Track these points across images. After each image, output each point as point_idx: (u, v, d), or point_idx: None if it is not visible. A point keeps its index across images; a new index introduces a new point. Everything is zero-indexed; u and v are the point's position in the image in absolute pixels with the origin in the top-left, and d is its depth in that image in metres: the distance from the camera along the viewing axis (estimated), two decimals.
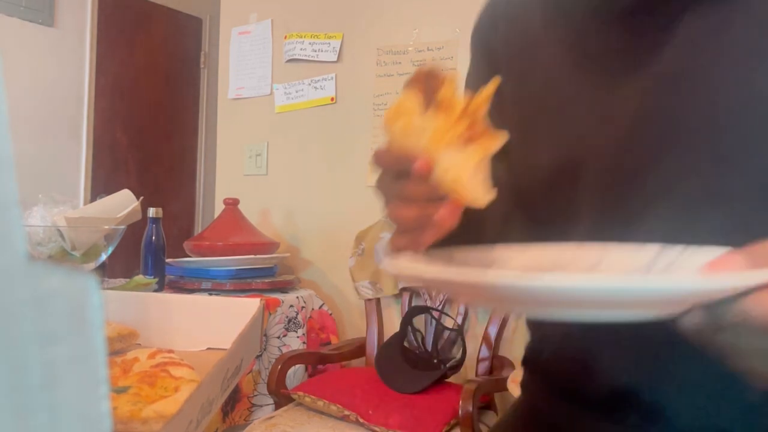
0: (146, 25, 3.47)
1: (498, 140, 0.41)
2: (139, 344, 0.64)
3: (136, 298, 0.70)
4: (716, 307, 0.32)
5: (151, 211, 1.83)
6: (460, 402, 1.45)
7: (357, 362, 2.06)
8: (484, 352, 1.81)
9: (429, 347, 1.84)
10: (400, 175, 0.43)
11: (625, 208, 0.49)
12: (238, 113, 2.55)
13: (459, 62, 2.04)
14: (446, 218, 0.42)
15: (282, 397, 1.71)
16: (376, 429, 1.52)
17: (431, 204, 0.42)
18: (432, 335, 1.86)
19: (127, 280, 1.72)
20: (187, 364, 0.52)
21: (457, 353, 1.79)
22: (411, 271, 0.38)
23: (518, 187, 0.57)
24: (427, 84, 0.41)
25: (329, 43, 2.30)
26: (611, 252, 0.45)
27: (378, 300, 2.07)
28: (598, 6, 0.52)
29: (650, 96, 0.47)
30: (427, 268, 0.37)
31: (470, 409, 1.43)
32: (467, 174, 0.40)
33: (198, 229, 3.68)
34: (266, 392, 1.74)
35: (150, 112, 3.50)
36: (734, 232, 0.37)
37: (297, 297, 1.95)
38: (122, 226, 1.05)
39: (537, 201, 0.56)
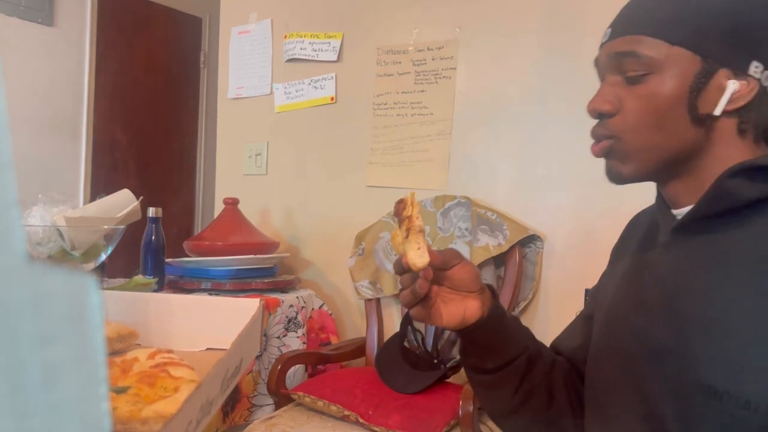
0: (146, 24, 3.47)
1: (421, 223, 0.67)
2: (139, 344, 0.64)
3: (135, 298, 0.70)
4: None
5: (151, 211, 1.83)
6: (461, 402, 1.45)
7: (357, 362, 2.06)
8: None
9: (429, 347, 1.84)
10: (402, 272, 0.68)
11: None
12: (238, 113, 2.55)
13: (459, 62, 2.04)
14: (422, 286, 0.66)
15: (282, 398, 1.70)
16: (376, 429, 1.52)
17: (415, 283, 0.66)
18: (432, 335, 1.86)
19: (127, 280, 1.72)
20: (186, 364, 0.52)
21: (457, 353, 1.79)
22: None
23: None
24: (398, 208, 0.68)
25: (329, 43, 2.30)
26: None
27: (378, 300, 2.07)
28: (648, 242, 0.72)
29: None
30: None
31: (470, 409, 1.43)
32: (409, 252, 0.65)
33: (198, 228, 3.68)
34: (266, 392, 1.74)
35: (150, 112, 3.50)
36: None
37: (297, 297, 1.95)
38: (122, 226, 1.05)
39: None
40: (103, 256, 1.04)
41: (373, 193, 2.20)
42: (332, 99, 2.29)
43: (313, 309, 2.04)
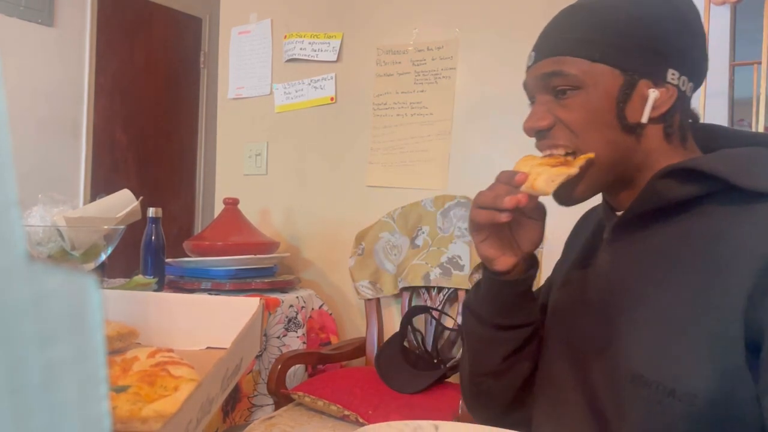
0: (146, 25, 3.47)
1: (576, 170, 0.65)
2: (139, 343, 0.64)
3: (135, 298, 0.70)
4: None
5: (151, 211, 1.83)
6: (460, 402, 1.45)
7: (357, 362, 2.06)
8: None
9: (429, 347, 1.84)
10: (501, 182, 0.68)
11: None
12: (237, 113, 2.55)
13: (459, 62, 2.04)
14: (511, 201, 0.65)
15: (282, 397, 1.71)
16: None
17: (509, 196, 0.65)
18: (432, 335, 1.86)
19: (127, 280, 1.72)
20: (186, 364, 0.52)
21: (457, 353, 1.79)
22: None
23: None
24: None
25: (329, 43, 2.30)
26: None
27: (378, 300, 2.07)
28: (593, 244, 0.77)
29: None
30: None
31: None
32: (544, 174, 0.64)
33: (198, 228, 3.68)
34: (266, 392, 1.74)
35: (150, 111, 3.50)
36: None
37: (297, 297, 1.95)
38: (122, 226, 1.05)
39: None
40: (103, 256, 1.04)
41: (373, 193, 2.20)
42: (332, 99, 2.29)
43: (313, 309, 2.04)
